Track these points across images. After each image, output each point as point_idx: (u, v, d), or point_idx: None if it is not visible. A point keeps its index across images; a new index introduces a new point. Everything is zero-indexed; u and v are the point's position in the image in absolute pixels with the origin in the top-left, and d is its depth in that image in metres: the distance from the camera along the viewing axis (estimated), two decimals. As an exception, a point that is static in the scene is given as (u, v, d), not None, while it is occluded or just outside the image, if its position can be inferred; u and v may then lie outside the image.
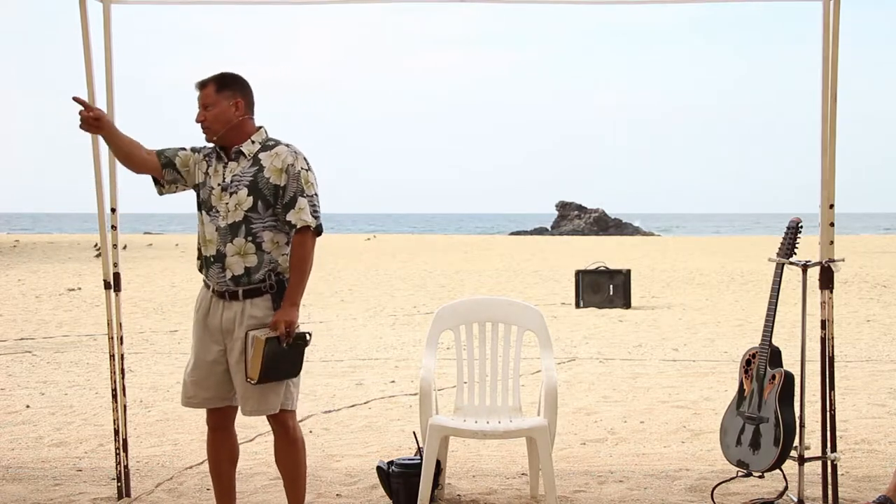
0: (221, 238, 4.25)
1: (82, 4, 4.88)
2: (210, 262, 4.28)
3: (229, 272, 4.24)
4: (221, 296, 4.28)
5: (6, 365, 9.79)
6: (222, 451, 4.48)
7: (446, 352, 9.67)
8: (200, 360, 4.33)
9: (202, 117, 4.28)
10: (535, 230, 62.01)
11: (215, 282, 4.28)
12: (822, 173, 4.87)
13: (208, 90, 4.28)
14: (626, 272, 15.72)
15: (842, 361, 9.38)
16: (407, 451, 5.96)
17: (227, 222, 4.24)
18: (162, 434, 6.71)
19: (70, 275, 21.85)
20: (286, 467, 4.42)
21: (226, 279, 4.25)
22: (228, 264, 4.24)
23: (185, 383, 4.39)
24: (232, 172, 4.27)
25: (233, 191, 4.24)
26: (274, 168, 4.24)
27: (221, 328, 4.28)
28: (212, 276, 4.28)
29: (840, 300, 14.64)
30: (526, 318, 5.37)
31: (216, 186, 4.28)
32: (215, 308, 4.30)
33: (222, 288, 4.26)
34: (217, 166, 4.32)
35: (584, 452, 6.16)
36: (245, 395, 4.25)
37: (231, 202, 4.24)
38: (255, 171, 4.25)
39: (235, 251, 4.23)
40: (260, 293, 4.24)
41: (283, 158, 4.25)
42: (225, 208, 4.25)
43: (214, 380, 4.32)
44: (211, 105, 4.27)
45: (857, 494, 5.10)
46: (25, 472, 5.69)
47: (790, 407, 4.82)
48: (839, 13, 4.79)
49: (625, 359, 10.16)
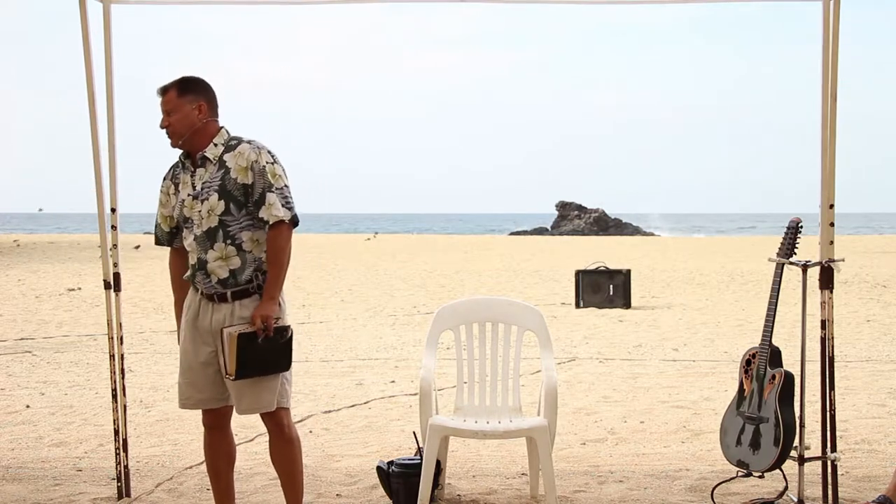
0: (200, 246, 4.26)
1: (82, 4, 4.88)
2: (195, 269, 4.29)
3: (214, 277, 4.25)
4: (210, 298, 4.28)
5: (6, 365, 9.79)
6: (219, 452, 4.48)
7: (446, 352, 9.67)
8: (192, 362, 4.33)
9: (166, 123, 4.28)
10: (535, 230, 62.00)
11: (203, 287, 4.29)
12: (822, 173, 4.87)
13: (170, 96, 4.28)
14: (626, 272, 15.72)
15: (842, 361, 9.38)
16: (407, 451, 5.96)
17: (202, 230, 4.25)
18: (162, 434, 6.71)
19: (70, 275, 21.85)
20: (283, 466, 4.42)
21: (212, 283, 4.25)
22: (212, 270, 4.24)
23: (180, 385, 4.40)
24: (201, 179, 4.27)
25: (203, 198, 4.24)
26: (239, 167, 4.23)
27: (211, 330, 4.28)
28: (199, 281, 4.30)
29: (840, 300, 14.63)
30: (526, 318, 5.37)
31: (187, 197, 4.29)
32: (205, 310, 4.30)
33: (210, 291, 4.27)
34: (184, 177, 4.33)
35: (584, 452, 6.16)
36: (239, 394, 4.25)
37: (203, 209, 4.24)
38: (222, 174, 4.24)
39: (217, 256, 4.24)
40: (248, 294, 4.25)
41: (246, 156, 4.23)
42: (199, 216, 4.25)
43: (207, 381, 4.32)
44: (173, 110, 4.26)
45: (857, 494, 5.10)
46: (25, 472, 5.69)
47: (790, 407, 4.82)
48: (839, 13, 4.79)
49: (625, 359, 10.16)
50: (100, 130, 4.98)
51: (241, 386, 4.21)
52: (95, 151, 4.98)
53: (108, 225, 5.07)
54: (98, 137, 4.96)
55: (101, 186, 5.02)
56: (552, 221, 62.24)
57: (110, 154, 5.04)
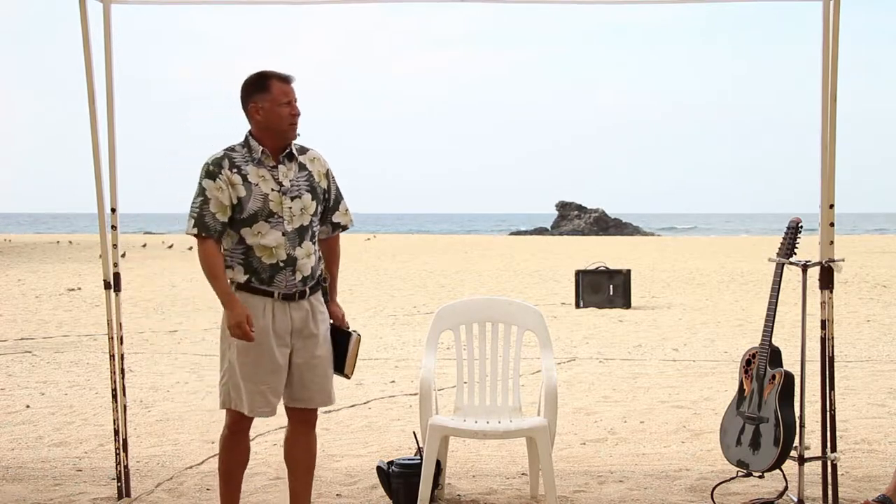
0: (290, 242, 4.21)
1: (82, 4, 4.87)
2: (279, 267, 4.19)
3: (299, 274, 4.23)
4: (290, 298, 4.23)
5: (6, 365, 9.79)
6: (238, 454, 4.42)
7: (446, 352, 9.67)
8: (277, 367, 4.23)
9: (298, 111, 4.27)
10: (535, 230, 62.05)
11: (284, 285, 4.22)
12: (822, 173, 4.87)
13: (293, 85, 4.29)
14: (626, 272, 15.72)
15: (842, 361, 9.38)
16: (407, 451, 5.96)
17: (293, 226, 4.21)
18: (162, 434, 6.71)
19: (70, 275, 21.85)
20: (312, 459, 4.47)
21: (295, 281, 4.23)
22: (299, 267, 4.23)
23: (259, 394, 4.22)
24: (286, 176, 4.23)
25: (294, 195, 4.22)
26: (319, 173, 4.34)
27: (292, 330, 4.24)
28: (279, 281, 4.21)
29: (840, 300, 14.64)
30: (526, 318, 5.37)
31: (271, 192, 4.19)
32: (282, 312, 4.22)
33: (292, 290, 4.23)
34: (260, 171, 4.20)
35: (584, 452, 6.16)
36: (323, 390, 4.34)
37: (295, 206, 4.22)
38: (306, 175, 4.28)
39: (305, 253, 4.24)
40: (317, 288, 4.34)
41: (322, 163, 4.38)
42: (289, 213, 4.21)
43: (282, 385, 4.30)
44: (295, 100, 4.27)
45: (857, 494, 5.10)
46: (25, 472, 5.69)
47: (790, 407, 4.82)
48: (839, 13, 4.79)
49: (625, 359, 10.16)
50: (100, 130, 4.98)
51: (330, 382, 4.36)
52: (95, 151, 4.97)
53: (108, 225, 5.07)
54: (98, 137, 4.96)
55: (101, 186, 5.01)
56: (552, 221, 62.28)
57: (110, 154, 5.03)
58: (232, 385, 4.25)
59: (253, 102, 4.23)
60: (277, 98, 4.20)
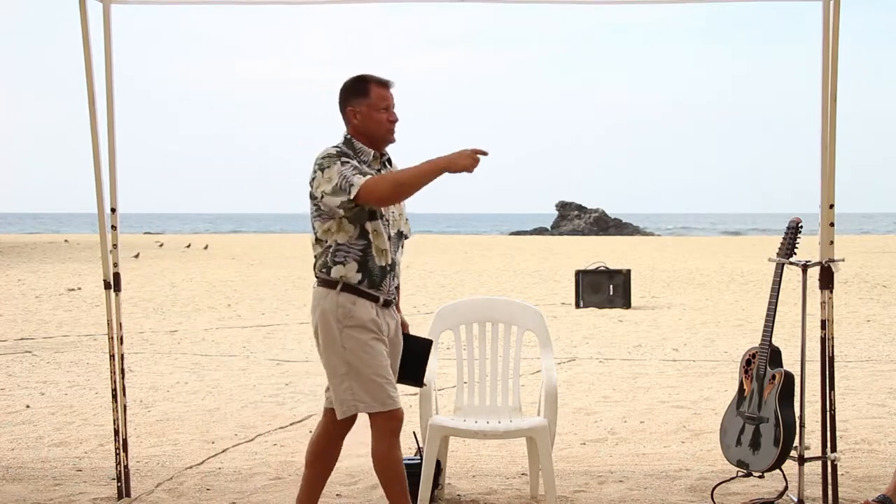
0: (394, 246, 4.20)
1: (82, 4, 4.87)
2: (386, 271, 4.16)
3: (396, 280, 4.23)
4: (388, 304, 4.21)
5: (6, 365, 9.79)
6: (334, 459, 4.44)
7: (446, 352, 9.67)
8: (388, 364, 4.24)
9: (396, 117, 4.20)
10: (535, 230, 62.02)
11: (386, 290, 4.18)
12: (821, 173, 4.87)
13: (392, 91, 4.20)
14: (626, 272, 15.72)
15: (842, 361, 9.38)
16: (407, 451, 5.96)
17: (393, 231, 4.20)
18: (162, 434, 6.71)
19: (70, 275, 21.85)
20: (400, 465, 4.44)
21: (391, 288, 4.21)
22: (397, 273, 4.23)
23: (385, 385, 4.24)
24: None
25: None
26: None
27: (390, 338, 4.24)
28: (385, 286, 4.17)
29: (840, 300, 14.64)
30: (526, 318, 5.37)
31: None
32: (386, 319, 4.20)
33: (390, 297, 4.22)
34: (371, 171, 4.14)
35: (584, 452, 6.15)
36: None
37: (396, 211, 4.22)
38: None
39: (399, 259, 4.24)
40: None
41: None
42: (393, 217, 4.20)
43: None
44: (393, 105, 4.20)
45: (857, 494, 5.10)
46: (25, 472, 5.69)
47: (790, 407, 4.82)
48: (839, 13, 4.79)
49: (625, 359, 10.16)
50: (100, 130, 4.98)
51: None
52: (95, 151, 4.97)
53: (108, 225, 5.07)
54: (98, 137, 4.95)
55: (100, 186, 5.01)
56: (552, 221, 62.26)
57: (110, 154, 5.03)
58: (357, 386, 4.14)
59: (351, 106, 4.15)
60: (376, 103, 4.13)
